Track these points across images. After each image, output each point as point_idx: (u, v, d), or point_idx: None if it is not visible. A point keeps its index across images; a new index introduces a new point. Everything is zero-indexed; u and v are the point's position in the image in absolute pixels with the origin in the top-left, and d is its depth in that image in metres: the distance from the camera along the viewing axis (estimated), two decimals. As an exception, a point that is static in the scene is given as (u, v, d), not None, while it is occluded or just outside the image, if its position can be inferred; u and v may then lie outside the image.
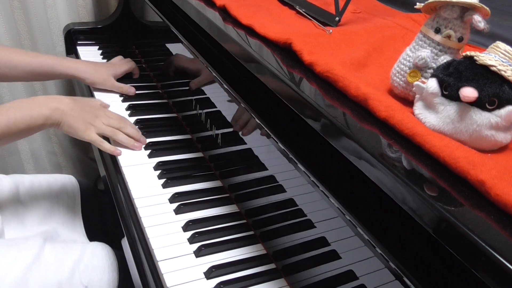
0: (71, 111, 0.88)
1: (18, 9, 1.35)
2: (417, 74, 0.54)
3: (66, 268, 0.79)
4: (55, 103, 0.86)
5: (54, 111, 0.85)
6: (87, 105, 0.94)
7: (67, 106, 0.87)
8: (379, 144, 0.49)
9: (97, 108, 0.95)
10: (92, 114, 0.91)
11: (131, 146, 0.93)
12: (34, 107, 0.84)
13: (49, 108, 0.85)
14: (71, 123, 0.87)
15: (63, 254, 0.81)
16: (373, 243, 0.50)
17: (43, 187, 1.00)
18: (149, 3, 1.15)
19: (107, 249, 0.87)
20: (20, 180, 0.99)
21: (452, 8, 0.51)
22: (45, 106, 0.85)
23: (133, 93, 1.14)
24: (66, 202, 1.00)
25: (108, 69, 1.14)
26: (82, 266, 0.81)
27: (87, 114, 0.90)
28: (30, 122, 0.82)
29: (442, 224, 0.39)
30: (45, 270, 0.77)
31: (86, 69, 1.10)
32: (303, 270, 0.67)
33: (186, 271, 0.70)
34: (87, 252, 0.83)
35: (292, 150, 0.64)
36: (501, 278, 0.34)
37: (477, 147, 0.47)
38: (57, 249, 0.82)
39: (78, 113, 0.89)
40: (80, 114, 0.89)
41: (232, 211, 0.82)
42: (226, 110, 0.86)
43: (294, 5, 0.87)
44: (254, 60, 0.68)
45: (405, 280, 0.47)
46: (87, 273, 0.80)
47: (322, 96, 0.58)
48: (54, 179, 1.04)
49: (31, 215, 0.93)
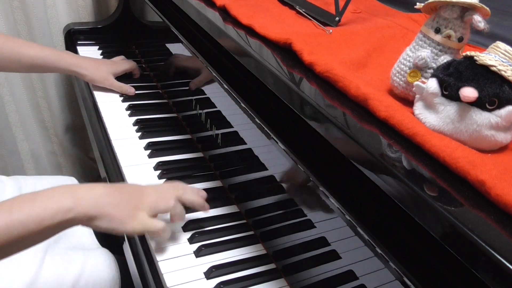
0: (108, 196, 0.63)
1: (18, 9, 1.35)
2: (417, 74, 0.54)
3: (65, 286, 0.77)
4: (83, 190, 0.61)
5: (82, 200, 0.59)
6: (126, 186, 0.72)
7: (101, 192, 0.62)
8: (379, 144, 0.49)
9: (140, 186, 0.70)
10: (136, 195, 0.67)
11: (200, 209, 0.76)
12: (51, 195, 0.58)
13: (73, 196, 0.59)
14: (111, 214, 0.62)
15: (63, 269, 0.79)
16: (373, 243, 0.50)
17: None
18: (149, 3, 1.15)
19: (109, 259, 0.84)
20: (22, 182, 0.98)
21: (452, 8, 0.51)
22: (67, 193, 0.59)
23: (133, 93, 1.14)
24: None
25: (108, 67, 1.14)
26: (82, 282, 0.79)
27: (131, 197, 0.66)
28: (44, 217, 0.56)
29: (442, 224, 0.39)
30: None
31: (88, 66, 1.09)
32: (303, 270, 0.67)
33: (186, 271, 0.70)
34: (88, 265, 0.81)
35: (292, 150, 0.64)
36: (501, 278, 0.34)
37: (477, 147, 0.47)
38: (57, 263, 0.79)
39: (117, 197, 0.64)
40: (122, 199, 0.64)
41: (232, 211, 0.82)
42: (226, 110, 0.86)
43: (294, 5, 0.87)
44: (254, 60, 0.68)
45: (405, 280, 0.47)
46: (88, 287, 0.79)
47: (322, 96, 0.58)
48: (56, 181, 1.03)
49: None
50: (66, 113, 1.57)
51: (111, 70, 1.13)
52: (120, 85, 1.13)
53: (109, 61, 1.19)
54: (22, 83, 1.44)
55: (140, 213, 0.65)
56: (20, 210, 0.55)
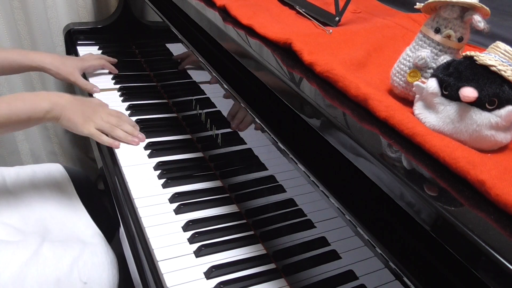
0: (71, 105, 0.90)
1: (18, 9, 1.35)
2: (417, 74, 0.54)
3: (65, 264, 0.79)
4: (56, 98, 0.89)
5: (54, 105, 0.87)
6: (87, 101, 0.96)
7: (67, 101, 0.90)
8: (379, 144, 0.49)
9: (97, 104, 0.97)
10: (91, 110, 0.93)
11: (128, 141, 0.95)
12: (36, 99, 0.86)
13: (50, 102, 0.87)
14: (70, 117, 0.89)
15: (62, 250, 0.81)
16: (373, 243, 0.50)
17: (30, 176, 1.00)
18: (149, 3, 1.15)
19: (107, 247, 0.87)
20: (5, 173, 1.00)
21: (452, 8, 0.51)
22: (46, 99, 0.87)
23: (98, 92, 1.14)
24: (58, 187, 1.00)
25: (75, 62, 1.15)
26: (81, 263, 0.81)
27: (86, 109, 0.92)
28: (31, 113, 0.84)
29: (442, 224, 0.39)
30: (43, 265, 0.77)
31: (52, 62, 1.10)
32: (303, 270, 0.67)
33: (186, 271, 0.70)
34: (86, 250, 0.83)
35: (292, 150, 0.64)
36: (501, 278, 0.34)
37: (477, 147, 0.47)
38: (56, 246, 0.82)
39: (77, 107, 0.91)
40: (80, 109, 0.91)
41: (232, 211, 0.82)
42: (226, 110, 0.86)
43: (294, 5, 0.87)
44: (254, 60, 0.68)
45: (405, 280, 0.47)
46: (86, 270, 0.80)
47: (322, 96, 0.58)
48: (40, 168, 1.04)
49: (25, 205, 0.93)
50: (66, 113, 1.57)
51: (77, 66, 1.14)
52: (85, 83, 1.14)
53: (76, 58, 1.20)
54: (22, 83, 1.45)
55: (91, 123, 0.92)
56: (16, 105, 0.83)
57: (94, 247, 0.85)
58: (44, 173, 1.02)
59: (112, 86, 1.19)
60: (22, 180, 0.98)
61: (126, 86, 1.18)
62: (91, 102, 0.98)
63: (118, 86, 1.18)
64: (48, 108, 0.86)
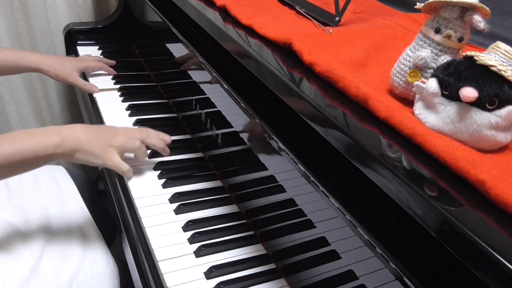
0: (86, 135, 0.79)
1: (18, 9, 1.35)
2: (417, 74, 0.54)
3: (64, 279, 0.78)
4: (67, 130, 0.78)
5: (66, 138, 0.76)
6: (102, 127, 0.88)
7: (80, 132, 0.79)
8: (379, 144, 0.49)
9: (114, 128, 0.87)
10: (109, 135, 0.82)
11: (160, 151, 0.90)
12: (43, 133, 0.75)
13: (59, 135, 0.76)
14: (87, 149, 0.78)
15: (61, 263, 0.79)
16: (373, 243, 0.50)
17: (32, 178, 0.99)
18: (149, 3, 1.15)
19: (107, 255, 0.85)
20: None
21: (452, 8, 0.51)
22: (55, 132, 0.76)
23: (97, 92, 1.14)
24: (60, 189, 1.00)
25: (73, 63, 1.14)
26: (81, 276, 0.79)
27: (104, 136, 0.81)
28: (38, 149, 0.72)
29: (442, 224, 0.39)
30: (42, 281, 0.76)
31: (50, 63, 1.09)
32: (303, 270, 0.67)
33: (186, 271, 0.70)
34: (86, 259, 0.82)
35: (292, 150, 0.64)
36: (501, 278, 0.34)
37: (477, 147, 0.47)
38: (56, 258, 0.80)
39: (93, 136, 0.79)
40: (96, 137, 0.80)
41: (232, 211, 0.82)
42: (226, 110, 0.86)
43: (294, 5, 0.87)
44: (254, 60, 0.68)
45: (405, 280, 0.47)
46: (86, 283, 0.79)
47: (322, 96, 0.58)
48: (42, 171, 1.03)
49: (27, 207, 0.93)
50: (66, 113, 1.57)
51: (75, 66, 1.14)
52: (84, 83, 1.14)
53: (74, 58, 1.20)
54: (22, 83, 1.45)
55: (111, 149, 0.81)
56: (21, 142, 0.71)
57: (94, 254, 0.84)
58: (46, 175, 1.02)
59: (112, 86, 1.19)
60: (25, 183, 0.98)
61: (126, 86, 1.18)
62: (107, 127, 0.89)
63: (118, 86, 1.18)
64: (59, 142, 0.75)
